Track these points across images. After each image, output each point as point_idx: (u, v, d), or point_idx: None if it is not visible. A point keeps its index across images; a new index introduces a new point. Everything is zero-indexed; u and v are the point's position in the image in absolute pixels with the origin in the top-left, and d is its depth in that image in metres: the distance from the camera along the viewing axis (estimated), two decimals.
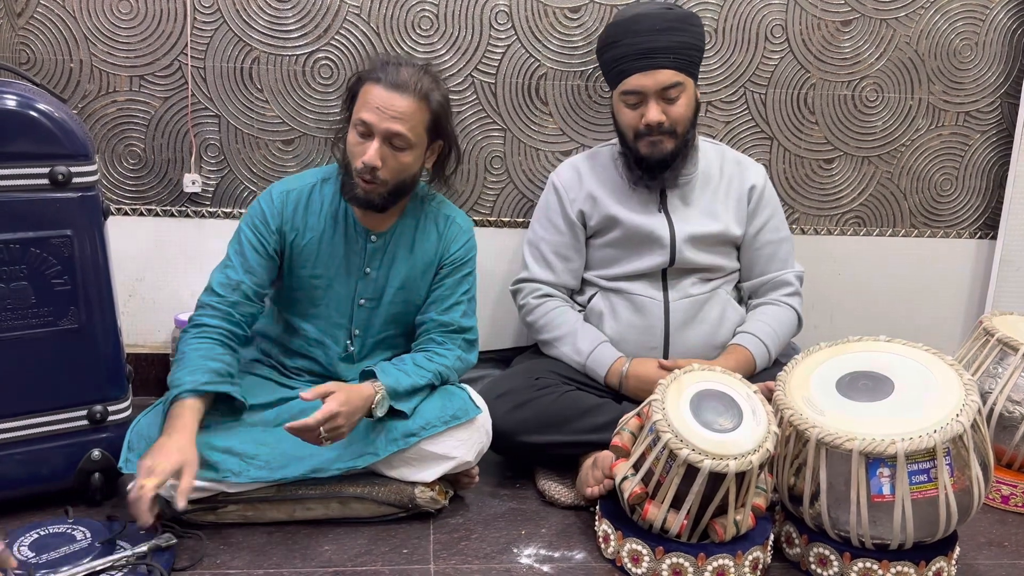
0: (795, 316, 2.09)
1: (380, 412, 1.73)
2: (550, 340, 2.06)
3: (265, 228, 1.84)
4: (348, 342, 1.90)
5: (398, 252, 1.88)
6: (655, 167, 1.99)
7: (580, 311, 2.11)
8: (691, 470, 1.54)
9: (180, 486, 1.56)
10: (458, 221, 1.93)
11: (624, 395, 1.99)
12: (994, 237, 2.53)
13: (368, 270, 1.88)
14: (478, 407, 1.82)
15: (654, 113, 1.94)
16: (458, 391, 1.85)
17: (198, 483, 1.66)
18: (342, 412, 1.65)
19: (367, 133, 1.75)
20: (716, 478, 1.54)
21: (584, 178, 2.09)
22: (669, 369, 1.83)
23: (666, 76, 1.93)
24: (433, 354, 1.86)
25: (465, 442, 1.79)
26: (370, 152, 1.74)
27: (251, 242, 1.84)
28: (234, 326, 1.81)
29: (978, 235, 2.55)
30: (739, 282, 2.14)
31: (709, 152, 2.11)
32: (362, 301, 1.89)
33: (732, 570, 1.59)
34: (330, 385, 1.69)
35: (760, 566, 1.64)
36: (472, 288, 1.94)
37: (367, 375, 1.79)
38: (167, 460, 1.56)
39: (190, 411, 1.67)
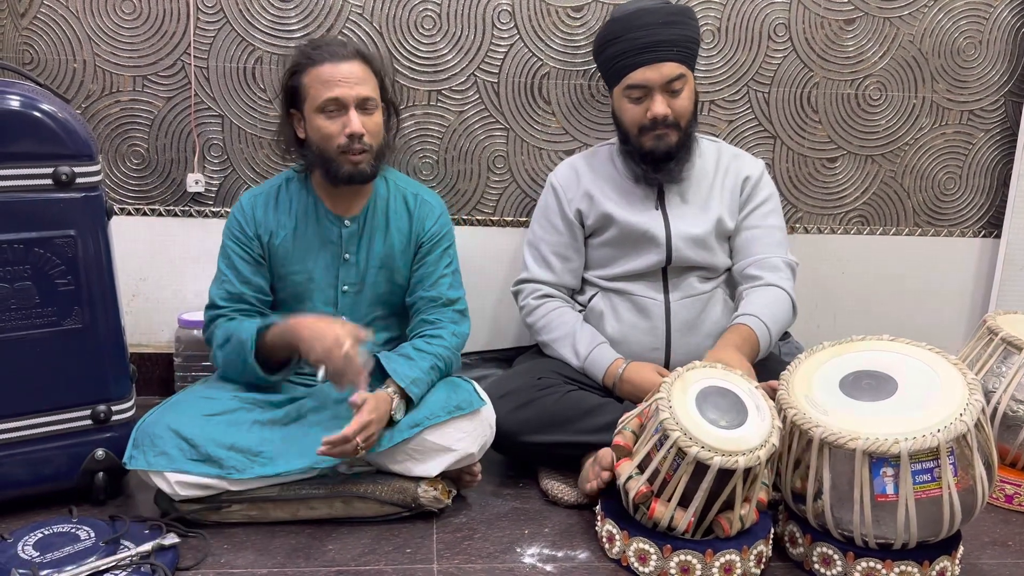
0: (787, 297, 2.00)
1: (399, 416, 1.76)
2: (549, 341, 2.06)
3: (244, 236, 1.88)
4: None
5: (375, 233, 1.92)
6: (660, 160, 1.99)
7: (581, 311, 2.11)
8: (700, 467, 1.54)
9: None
10: (426, 198, 1.97)
11: None
12: (998, 236, 2.52)
13: (347, 255, 1.91)
14: (482, 399, 1.83)
15: (660, 106, 1.94)
16: (463, 383, 1.86)
17: (202, 480, 1.68)
18: (374, 420, 1.69)
19: (339, 108, 1.80)
20: (724, 474, 1.54)
21: (582, 177, 2.09)
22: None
23: (670, 68, 1.94)
24: (429, 337, 1.88)
25: (469, 434, 1.79)
26: (353, 122, 1.79)
27: (237, 254, 1.88)
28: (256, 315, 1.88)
29: (982, 234, 2.54)
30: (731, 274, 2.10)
31: (707, 148, 2.11)
32: (345, 287, 1.91)
33: (738, 565, 1.59)
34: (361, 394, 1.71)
35: (763, 559, 1.64)
36: (454, 261, 1.97)
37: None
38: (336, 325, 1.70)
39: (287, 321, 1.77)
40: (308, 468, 1.72)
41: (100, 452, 1.78)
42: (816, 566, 1.65)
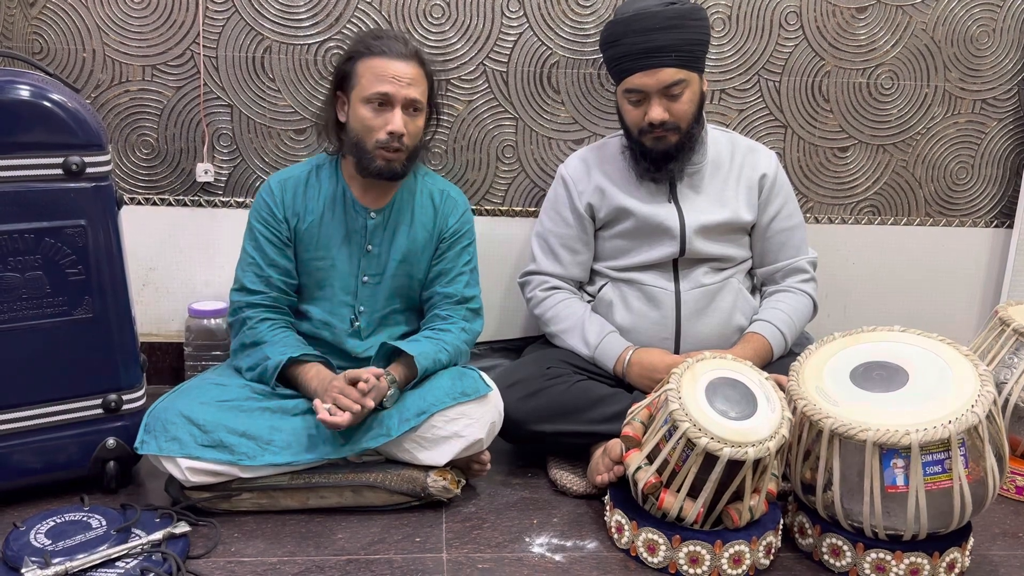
0: (810, 302, 2.09)
1: (390, 404, 1.77)
2: (558, 332, 2.06)
3: (273, 219, 1.89)
4: (352, 318, 1.93)
5: (399, 227, 1.93)
6: (660, 159, 1.98)
7: (590, 301, 2.11)
8: (709, 458, 1.54)
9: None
10: (452, 195, 1.99)
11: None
12: (1010, 226, 2.51)
13: (370, 247, 1.92)
14: (488, 385, 1.84)
15: (657, 112, 1.93)
16: (469, 371, 1.87)
17: (213, 467, 1.69)
18: (378, 387, 1.72)
19: (386, 104, 1.81)
20: (734, 465, 1.54)
21: (592, 170, 2.09)
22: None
23: (668, 75, 1.91)
24: (438, 331, 1.91)
25: (477, 420, 1.79)
26: (396, 121, 1.81)
27: (265, 236, 1.89)
28: (283, 316, 1.91)
29: (994, 224, 2.53)
30: (752, 270, 2.13)
31: (719, 140, 2.10)
32: (365, 278, 1.93)
33: (747, 555, 1.59)
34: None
35: (772, 550, 1.65)
36: (473, 259, 1.99)
37: (386, 353, 1.84)
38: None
39: (315, 368, 1.82)
40: (323, 456, 1.74)
41: (111, 441, 1.79)
42: (825, 557, 1.64)
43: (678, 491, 1.59)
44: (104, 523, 1.60)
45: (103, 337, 1.76)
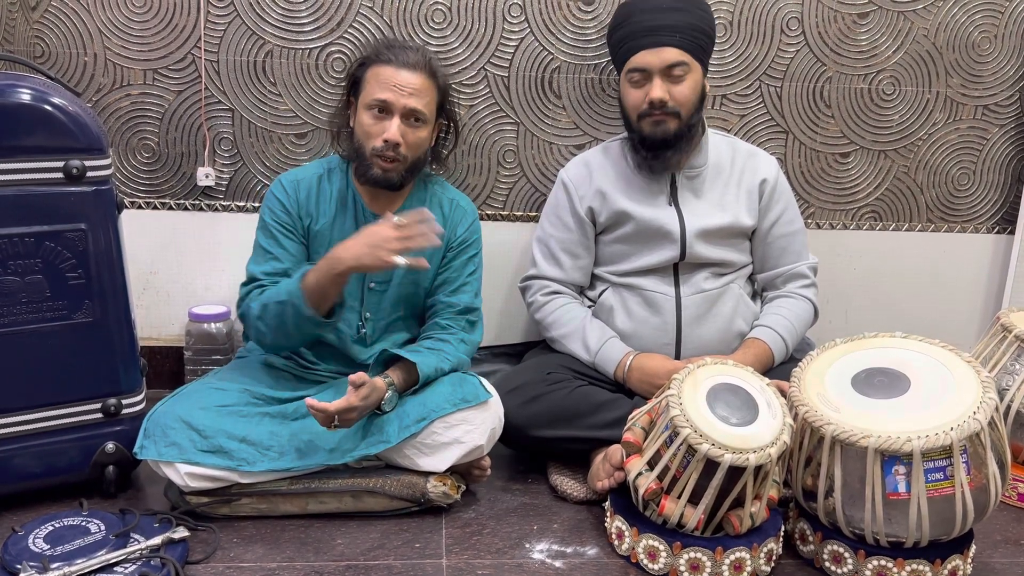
0: (811, 308, 2.09)
1: (388, 407, 1.76)
2: (558, 337, 2.06)
3: (287, 215, 1.89)
4: (360, 324, 1.93)
5: None
6: (658, 146, 1.98)
7: (590, 306, 2.11)
8: (710, 464, 1.53)
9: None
10: (462, 204, 1.99)
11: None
12: (1012, 232, 2.51)
13: None
14: (488, 392, 1.83)
15: (658, 90, 1.93)
16: (469, 377, 1.86)
17: (212, 472, 1.69)
18: (359, 407, 1.69)
19: (385, 112, 1.82)
20: (735, 472, 1.54)
21: (593, 174, 2.09)
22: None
23: (671, 54, 1.93)
24: (437, 340, 1.90)
25: (478, 427, 1.79)
26: (392, 129, 1.80)
27: (282, 232, 1.89)
28: None
29: (995, 230, 2.52)
30: (752, 275, 2.13)
31: (720, 145, 2.10)
32: (372, 284, 1.93)
33: (748, 562, 1.59)
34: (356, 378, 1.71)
35: (774, 557, 1.64)
36: (478, 269, 1.99)
37: (386, 360, 1.82)
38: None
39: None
40: (322, 462, 1.74)
41: (110, 445, 1.78)
42: (827, 564, 1.64)
43: (679, 497, 1.58)
44: (103, 528, 1.59)
45: (103, 341, 1.75)
